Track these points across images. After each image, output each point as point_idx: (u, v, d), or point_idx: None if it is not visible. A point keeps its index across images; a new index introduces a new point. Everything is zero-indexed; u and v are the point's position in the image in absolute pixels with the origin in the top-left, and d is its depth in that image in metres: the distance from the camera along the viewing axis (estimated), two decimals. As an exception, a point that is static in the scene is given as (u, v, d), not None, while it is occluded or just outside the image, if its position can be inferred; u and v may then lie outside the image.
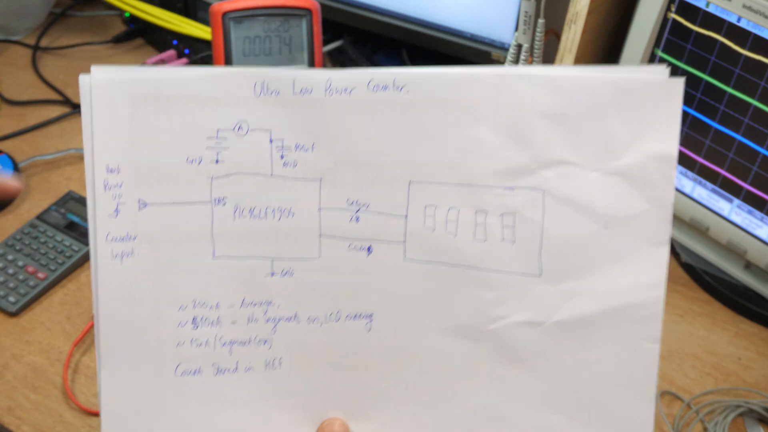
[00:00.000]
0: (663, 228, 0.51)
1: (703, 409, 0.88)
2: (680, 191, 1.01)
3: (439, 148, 0.51)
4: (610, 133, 0.50)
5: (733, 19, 0.87)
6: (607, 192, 0.50)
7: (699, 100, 0.94)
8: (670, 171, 0.50)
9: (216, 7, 0.96)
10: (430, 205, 0.51)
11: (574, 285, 0.51)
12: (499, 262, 0.51)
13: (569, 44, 0.99)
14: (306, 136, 0.51)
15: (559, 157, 0.51)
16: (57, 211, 1.00)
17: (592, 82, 0.50)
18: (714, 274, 1.01)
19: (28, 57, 1.28)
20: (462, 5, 1.16)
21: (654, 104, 0.49)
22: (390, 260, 0.52)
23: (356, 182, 0.52)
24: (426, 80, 0.51)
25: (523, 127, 0.50)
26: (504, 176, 0.51)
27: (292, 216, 0.52)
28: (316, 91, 0.51)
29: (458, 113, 0.51)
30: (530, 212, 0.51)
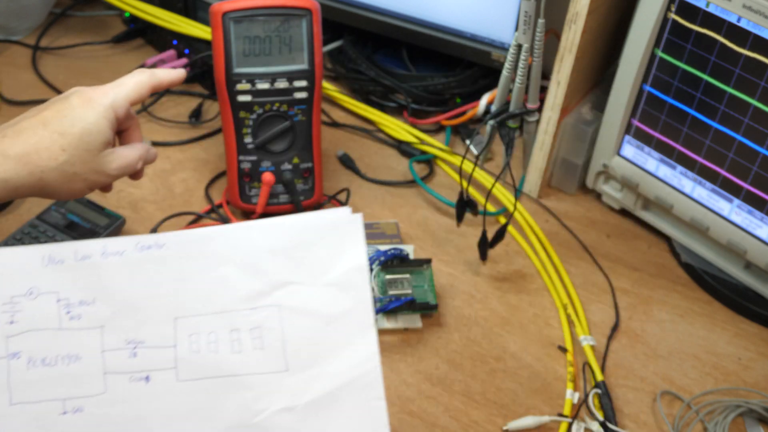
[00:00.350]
0: (368, 316, 0.65)
1: (703, 409, 0.88)
2: (680, 191, 1.01)
3: (195, 288, 0.64)
4: (319, 257, 0.65)
5: (733, 19, 0.87)
6: (325, 299, 0.65)
7: (699, 100, 0.94)
8: (365, 276, 0.65)
9: (216, 7, 0.96)
10: (194, 333, 0.63)
11: (313, 372, 0.64)
12: (254, 366, 0.63)
13: (569, 44, 0.99)
14: (88, 293, 0.62)
15: (285, 280, 0.65)
16: (57, 211, 1.00)
17: (300, 223, 0.65)
18: (714, 274, 1.01)
19: (28, 57, 1.28)
20: (462, 5, 1.16)
21: (345, 232, 0.65)
22: (166, 384, 0.62)
23: (132, 325, 0.62)
24: (181, 238, 0.64)
25: (256, 262, 0.64)
26: (248, 300, 0.64)
27: (79, 360, 0.61)
28: (94, 256, 0.63)
29: (206, 259, 0.64)
30: (272, 324, 0.64)
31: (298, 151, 1.02)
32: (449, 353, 0.91)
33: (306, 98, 1.00)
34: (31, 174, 0.69)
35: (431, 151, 1.15)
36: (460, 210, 1.01)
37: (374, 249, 0.94)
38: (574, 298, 0.98)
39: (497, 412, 0.86)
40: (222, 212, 1.05)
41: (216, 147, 1.15)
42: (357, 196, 1.09)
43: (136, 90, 0.77)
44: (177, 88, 1.23)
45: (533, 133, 0.99)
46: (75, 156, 0.71)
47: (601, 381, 0.88)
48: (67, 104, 0.73)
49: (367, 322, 0.65)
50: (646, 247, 1.07)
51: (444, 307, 0.96)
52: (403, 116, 1.21)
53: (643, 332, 0.96)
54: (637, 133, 1.02)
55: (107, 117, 0.73)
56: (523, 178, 1.07)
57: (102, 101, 0.74)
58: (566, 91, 1.02)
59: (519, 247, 1.05)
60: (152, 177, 1.09)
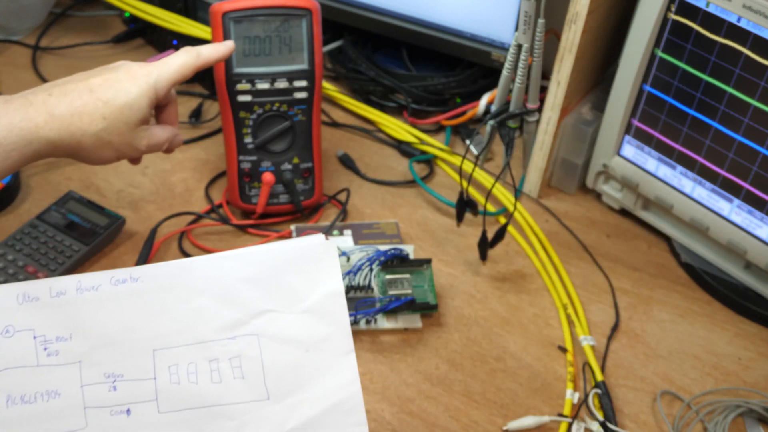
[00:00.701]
0: (347, 341, 0.65)
1: (703, 409, 0.88)
2: (680, 191, 1.01)
3: (172, 320, 0.64)
4: (294, 285, 0.65)
5: (733, 19, 0.87)
6: (302, 326, 0.65)
7: (699, 100, 0.94)
8: (342, 301, 0.65)
9: (216, 7, 0.96)
10: (173, 364, 0.63)
11: (294, 399, 0.64)
12: (235, 395, 0.63)
13: (569, 44, 0.99)
14: (64, 329, 0.62)
15: (262, 308, 0.65)
16: (57, 211, 1.00)
17: (274, 252, 0.65)
18: (714, 274, 1.01)
19: (28, 57, 1.28)
20: (462, 5, 1.16)
21: (319, 259, 0.65)
22: (147, 417, 0.62)
23: (110, 359, 0.62)
24: (155, 272, 0.64)
25: (231, 292, 0.64)
26: (226, 330, 0.64)
27: (59, 396, 0.61)
28: (69, 292, 0.63)
29: (182, 291, 0.64)
30: (251, 352, 0.64)
31: (298, 151, 1.02)
32: (449, 353, 0.91)
33: (306, 98, 1.00)
34: (72, 136, 0.72)
35: (431, 151, 1.15)
36: (460, 210, 1.01)
37: (374, 249, 0.94)
38: (574, 298, 0.98)
39: (497, 412, 0.86)
40: (222, 212, 1.05)
41: (216, 147, 1.15)
42: (357, 196, 1.09)
43: (180, 72, 0.79)
44: (177, 88, 1.23)
45: (533, 133, 0.99)
46: (113, 126, 0.73)
47: (601, 381, 0.88)
48: (114, 76, 0.74)
49: (346, 347, 0.65)
50: (646, 247, 1.07)
51: (444, 307, 0.96)
52: (403, 116, 1.21)
53: (643, 332, 0.96)
54: (637, 133, 1.02)
55: (149, 95, 0.76)
56: (523, 178, 1.07)
57: (147, 80, 0.76)
58: (566, 91, 1.02)
59: (519, 247, 1.05)
60: (152, 177, 1.09)
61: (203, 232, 1.02)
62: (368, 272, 0.92)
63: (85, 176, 1.08)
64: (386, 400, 0.86)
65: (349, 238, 1.01)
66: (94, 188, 1.07)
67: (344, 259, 0.93)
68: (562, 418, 0.85)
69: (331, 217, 1.06)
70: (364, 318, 0.91)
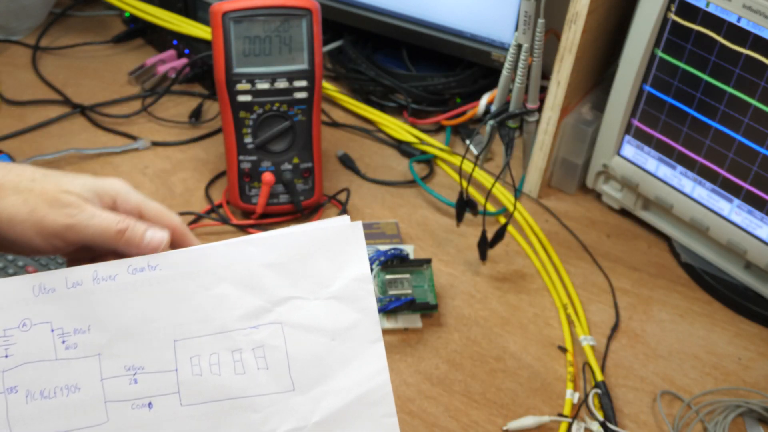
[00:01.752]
0: (375, 328, 0.63)
1: (703, 409, 0.88)
2: (680, 191, 1.01)
3: (193, 309, 0.62)
4: (320, 270, 0.63)
5: (733, 19, 0.87)
6: (328, 313, 0.63)
7: (699, 100, 0.94)
8: (369, 287, 0.63)
9: (216, 7, 0.96)
10: (195, 355, 0.61)
11: (320, 390, 0.62)
12: (259, 387, 0.62)
13: (569, 44, 0.99)
14: (82, 320, 0.60)
15: (286, 295, 0.63)
16: (57, 211, 1.00)
17: (298, 235, 0.63)
18: (714, 274, 1.01)
19: (28, 57, 1.28)
20: (462, 5, 1.16)
21: (345, 242, 0.63)
22: (169, 410, 0.60)
23: (130, 350, 0.61)
24: (174, 258, 0.62)
25: (254, 278, 0.62)
26: (248, 319, 0.62)
27: (79, 390, 0.60)
28: (86, 283, 0.61)
29: (203, 278, 0.62)
30: (275, 342, 0.62)
31: (298, 151, 1.02)
32: (449, 353, 0.91)
33: (306, 98, 1.00)
34: None
35: (431, 151, 1.15)
36: (460, 210, 1.01)
37: (374, 249, 0.94)
38: (574, 298, 0.98)
39: (497, 412, 0.86)
40: (222, 212, 1.05)
41: (216, 147, 1.15)
42: (357, 196, 1.09)
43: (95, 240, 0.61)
44: (177, 88, 1.23)
45: (533, 133, 0.99)
46: None
47: (601, 381, 0.88)
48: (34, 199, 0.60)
49: (374, 335, 0.63)
50: (646, 247, 1.07)
51: (444, 307, 0.96)
52: (403, 116, 1.21)
53: (643, 332, 0.96)
54: (637, 133, 1.02)
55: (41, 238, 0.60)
56: (523, 178, 1.07)
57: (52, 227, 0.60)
58: (566, 91, 1.02)
59: (519, 247, 1.05)
60: (152, 177, 1.09)
61: (203, 232, 1.02)
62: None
63: (85, 176, 1.08)
64: (386, 400, 0.86)
65: (349, 238, 1.01)
66: (94, 188, 1.07)
67: (344, 259, 0.94)
68: (562, 418, 0.85)
69: (331, 217, 1.06)
70: (364, 318, 0.91)
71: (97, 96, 1.21)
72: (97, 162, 1.10)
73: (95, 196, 0.61)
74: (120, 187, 0.62)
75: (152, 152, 1.13)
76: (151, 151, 1.13)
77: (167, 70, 1.24)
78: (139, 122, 1.18)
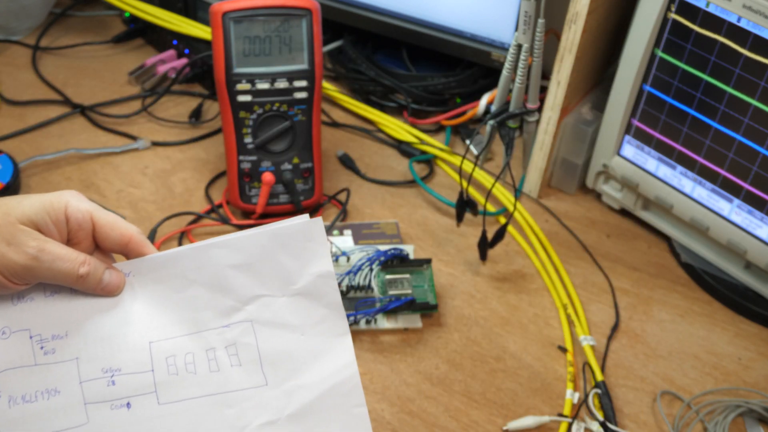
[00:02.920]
0: (342, 323, 0.65)
1: (703, 409, 0.88)
2: (680, 191, 1.01)
3: (166, 311, 0.64)
4: (284, 267, 0.65)
5: (733, 19, 0.87)
6: (296, 309, 0.65)
7: (699, 100, 0.94)
8: (333, 282, 0.65)
9: (216, 7, 0.96)
10: (170, 356, 0.63)
11: (292, 384, 0.64)
12: (233, 383, 0.64)
13: (569, 44, 0.99)
14: (59, 326, 0.62)
15: (255, 294, 0.65)
16: (57, 211, 1.00)
17: (261, 236, 0.64)
18: (714, 274, 1.01)
19: (28, 57, 1.28)
20: (462, 5, 1.16)
21: (307, 239, 0.65)
22: (147, 409, 0.62)
23: (107, 353, 0.63)
24: (145, 264, 0.64)
25: (223, 279, 0.64)
26: (220, 318, 0.64)
27: (59, 393, 0.62)
28: (62, 290, 0.62)
29: (174, 282, 0.64)
30: (246, 339, 0.64)
31: (298, 151, 1.02)
32: (449, 353, 0.91)
33: (306, 98, 1.00)
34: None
35: (431, 151, 1.15)
36: (460, 210, 1.01)
37: (374, 249, 0.94)
38: (574, 298, 0.98)
39: (497, 412, 0.86)
40: (222, 212, 1.05)
41: (216, 147, 1.15)
42: (357, 196, 1.09)
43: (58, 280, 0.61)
44: (177, 88, 1.23)
45: (533, 133, 0.99)
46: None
47: (601, 381, 0.88)
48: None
49: (341, 328, 0.65)
50: (646, 247, 1.07)
51: (444, 307, 0.96)
52: (403, 116, 1.21)
53: (643, 332, 0.96)
54: (637, 133, 1.02)
55: None
56: (523, 178, 1.07)
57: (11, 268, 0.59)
58: (566, 91, 1.02)
59: (519, 247, 1.05)
60: (152, 177, 1.09)
61: (203, 232, 1.02)
62: (368, 272, 0.92)
63: (85, 176, 1.08)
64: (386, 400, 0.86)
65: (349, 238, 1.01)
66: (94, 188, 1.07)
67: (344, 259, 0.94)
68: (562, 418, 0.85)
69: (331, 217, 1.06)
70: (364, 318, 0.91)
71: (97, 96, 1.21)
72: (97, 162, 1.10)
73: (46, 215, 0.60)
74: (70, 196, 0.61)
75: (152, 152, 1.13)
76: (151, 151, 1.13)
77: (167, 70, 1.24)
78: (139, 122, 1.18)
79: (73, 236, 0.62)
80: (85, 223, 0.61)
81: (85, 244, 0.62)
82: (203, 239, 1.01)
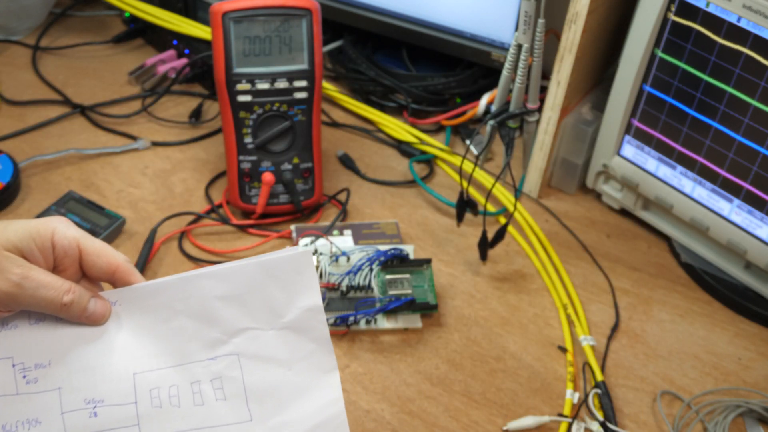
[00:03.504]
0: (329, 358, 0.64)
1: (703, 409, 0.88)
2: (680, 191, 1.01)
3: (151, 342, 0.62)
4: (273, 300, 0.63)
5: (733, 19, 0.87)
6: (283, 343, 0.64)
7: (699, 100, 0.94)
8: (321, 317, 0.64)
9: (216, 7, 0.96)
10: (154, 388, 0.62)
11: (278, 420, 0.63)
12: (218, 418, 0.62)
13: (569, 44, 0.99)
14: (43, 355, 0.61)
15: (242, 326, 0.63)
16: (57, 211, 1.00)
17: (248, 267, 0.63)
18: (714, 274, 1.01)
19: (28, 57, 1.28)
20: (462, 5, 1.16)
21: (296, 272, 0.63)
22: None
23: (90, 384, 0.61)
24: (132, 293, 0.62)
25: (210, 310, 0.63)
26: (206, 351, 0.63)
27: (39, 424, 0.60)
28: (47, 318, 0.61)
29: (160, 312, 0.63)
30: (232, 373, 0.63)
31: (298, 151, 1.02)
32: (449, 353, 0.91)
33: (306, 98, 1.00)
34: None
35: (431, 151, 1.15)
36: (460, 210, 1.01)
37: (374, 249, 0.94)
38: (574, 298, 0.98)
39: (497, 412, 0.86)
40: (222, 212, 1.05)
41: (216, 147, 1.15)
42: (357, 196, 1.09)
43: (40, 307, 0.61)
44: (177, 88, 1.23)
45: (533, 133, 0.99)
46: None
47: (601, 381, 0.88)
48: None
49: (329, 364, 0.64)
50: (646, 247, 1.07)
51: (444, 307, 0.96)
52: (403, 116, 1.21)
53: (643, 332, 0.96)
54: (637, 133, 1.02)
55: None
56: (523, 178, 1.07)
57: None
58: (566, 91, 1.02)
59: (519, 247, 1.05)
60: (152, 177, 1.09)
61: (203, 232, 1.02)
62: (368, 272, 0.92)
63: (85, 176, 1.08)
64: (386, 400, 0.86)
65: (349, 238, 1.01)
66: (94, 188, 1.07)
67: (344, 259, 0.93)
68: (562, 418, 0.85)
69: (331, 217, 1.06)
70: (364, 318, 0.91)
71: (97, 96, 1.21)
72: (97, 162, 1.10)
73: (32, 242, 0.59)
74: (57, 223, 0.61)
75: (152, 152, 1.13)
76: (151, 151, 1.13)
77: (167, 70, 1.24)
78: (139, 122, 1.18)
79: (59, 263, 0.61)
80: (71, 251, 0.61)
81: (71, 272, 0.62)
82: (203, 239, 1.01)
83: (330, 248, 0.94)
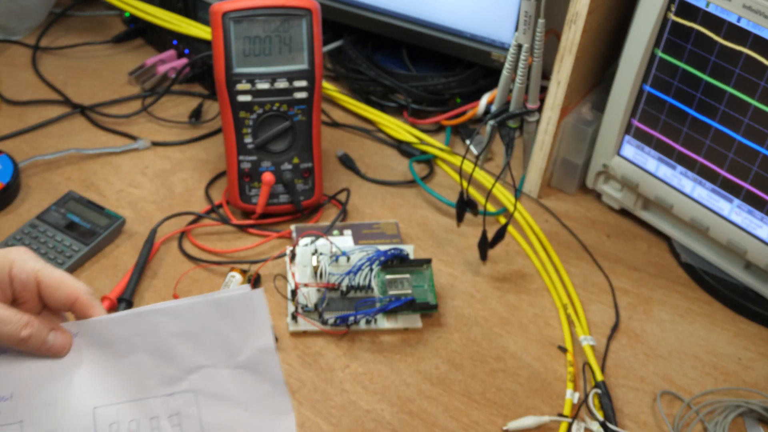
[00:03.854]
0: (285, 400, 0.64)
1: (703, 409, 0.88)
2: (680, 191, 1.01)
3: (111, 376, 0.63)
4: (226, 338, 0.63)
5: (733, 19, 0.87)
6: (239, 382, 0.64)
7: (699, 100, 0.94)
8: (274, 358, 0.64)
9: (216, 7, 0.96)
10: (114, 422, 0.62)
11: None
12: None
13: (569, 44, 0.99)
14: (5, 387, 0.61)
15: (197, 364, 0.64)
16: (57, 211, 1.00)
17: (202, 305, 0.63)
18: (714, 274, 1.01)
19: (28, 57, 1.28)
20: (462, 5, 1.16)
21: (248, 311, 0.63)
22: None
23: (50, 417, 0.61)
24: (91, 326, 0.62)
25: (166, 347, 0.63)
26: (164, 387, 0.63)
27: None
28: (10, 351, 0.61)
29: (118, 346, 0.63)
30: (189, 410, 0.63)
31: (298, 151, 1.02)
32: (449, 353, 0.91)
33: (306, 98, 1.00)
34: None
35: (431, 151, 1.15)
36: (460, 210, 1.01)
37: (374, 249, 0.94)
38: (574, 298, 0.98)
39: (497, 412, 0.86)
40: (222, 212, 1.05)
41: (216, 147, 1.15)
42: (357, 196, 1.09)
43: None
44: (177, 88, 1.23)
45: (533, 133, 0.99)
46: None
47: (601, 381, 0.88)
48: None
49: (284, 406, 0.64)
50: (646, 247, 1.07)
51: (444, 307, 0.96)
52: (403, 116, 1.21)
53: (643, 332, 0.96)
54: (637, 133, 1.02)
55: None
56: (523, 178, 1.07)
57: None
58: (566, 91, 1.02)
59: (519, 247, 1.05)
60: (152, 177, 1.09)
61: (203, 232, 1.02)
62: (368, 272, 0.92)
63: (85, 176, 1.08)
64: (386, 400, 0.86)
65: (349, 238, 1.01)
66: (94, 188, 1.07)
67: (344, 259, 0.94)
68: (562, 418, 0.85)
69: (331, 217, 1.06)
70: (364, 318, 0.91)
71: (97, 96, 1.21)
72: (97, 162, 1.10)
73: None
74: (16, 256, 0.61)
75: (152, 152, 1.13)
76: (151, 151, 1.13)
77: (167, 70, 1.24)
78: (139, 122, 1.18)
79: (19, 296, 0.61)
80: (29, 284, 0.61)
81: (31, 304, 0.61)
82: (203, 239, 1.01)
83: (330, 248, 0.94)
